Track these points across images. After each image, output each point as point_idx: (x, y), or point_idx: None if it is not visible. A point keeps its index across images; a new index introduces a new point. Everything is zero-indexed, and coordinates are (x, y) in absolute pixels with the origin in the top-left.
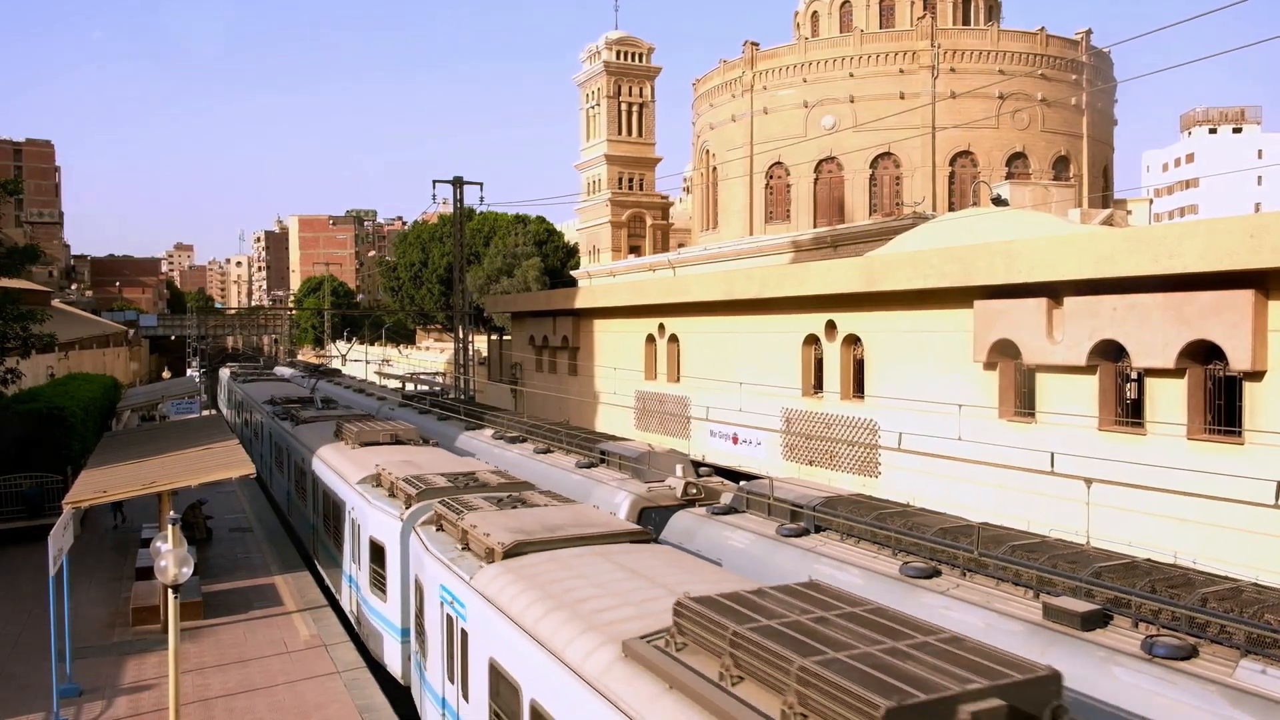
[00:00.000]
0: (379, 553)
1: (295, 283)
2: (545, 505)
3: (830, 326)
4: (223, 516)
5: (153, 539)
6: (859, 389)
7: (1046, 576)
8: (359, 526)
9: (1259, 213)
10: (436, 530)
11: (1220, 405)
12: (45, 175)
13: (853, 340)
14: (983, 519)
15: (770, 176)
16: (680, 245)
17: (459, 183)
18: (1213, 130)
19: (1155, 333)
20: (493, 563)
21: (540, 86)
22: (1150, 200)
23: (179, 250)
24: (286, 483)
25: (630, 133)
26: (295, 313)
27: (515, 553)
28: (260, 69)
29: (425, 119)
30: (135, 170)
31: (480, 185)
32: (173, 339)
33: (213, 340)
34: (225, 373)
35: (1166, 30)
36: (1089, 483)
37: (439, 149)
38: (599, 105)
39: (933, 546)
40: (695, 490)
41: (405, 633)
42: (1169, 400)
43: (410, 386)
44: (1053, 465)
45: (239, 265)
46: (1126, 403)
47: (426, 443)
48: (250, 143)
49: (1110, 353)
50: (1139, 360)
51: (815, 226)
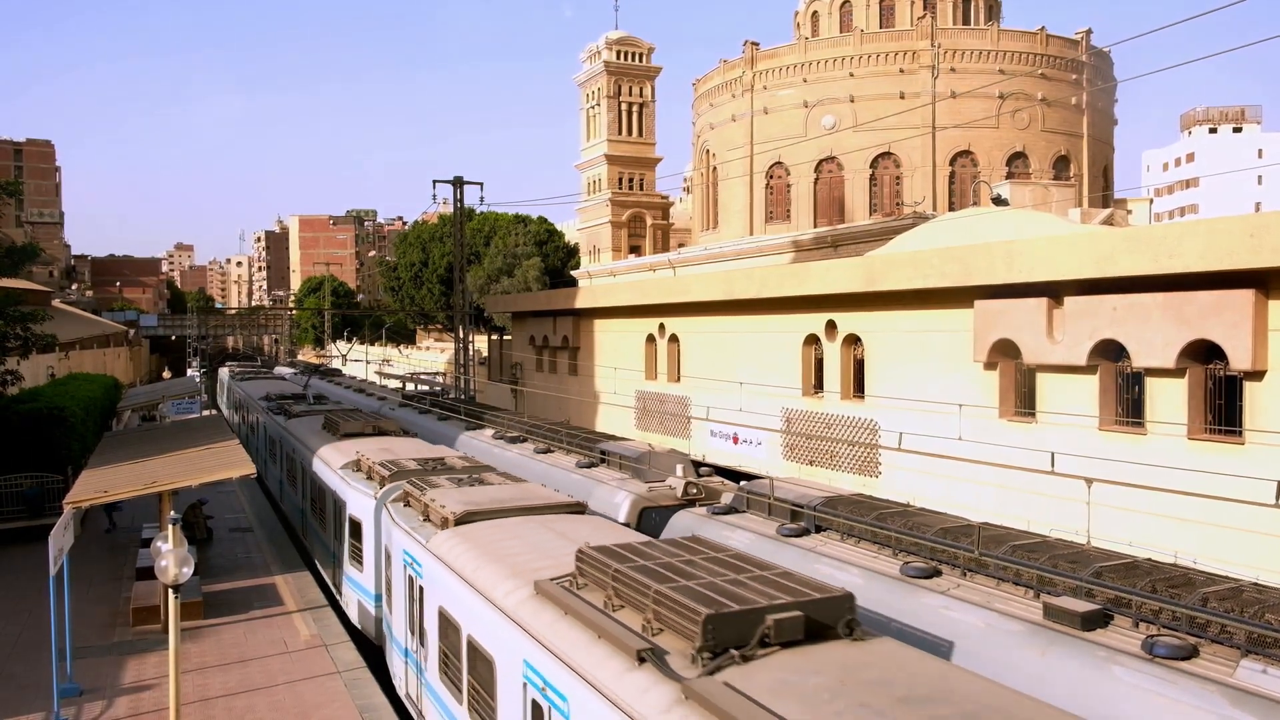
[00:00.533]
0: (356, 528)
1: (295, 283)
2: (498, 484)
3: (830, 326)
4: (223, 516)
5: (153, 539)
6: (859, 389)
7: (1047, 576)
8: (340, 506)
9: (1259, 212)
10: (404, 506)
11: (1220, 405)
12: (45, 175)
13: (853, 340)
14: (983, 519)
15: (770, 176)
16: (680, 245)
17: (459, 183)
18: (1213, 130)
19: (1155, 332)
20: (446, 529)
21: (541, 86)
22: (1150, 200)
23: (179, 250)
24: (280, 473)
25: (630, 133)
26: (295, 313)
27: (465, 520)
28: (261, 69)
29: (425, 119)
30: (135, 170)
31: (480, 185)
32: (173, 339)
33: (213, 340)
34: (224, 372)
35: (1166, 30)
36: (1089, 482)
37: (439, 149)
38: (599, 105)
39: (933, 546)
40: (696, 490)
41: (378, 598)
42: (1169, 400)
43: (410, 386)
44: (1053, 465)
45: (239, 265)
46: (1127, 400)
47: (406, 434)
48: (250, 143)
49: (1110, 352)
50: (1139, 360)
51: (815, 226)
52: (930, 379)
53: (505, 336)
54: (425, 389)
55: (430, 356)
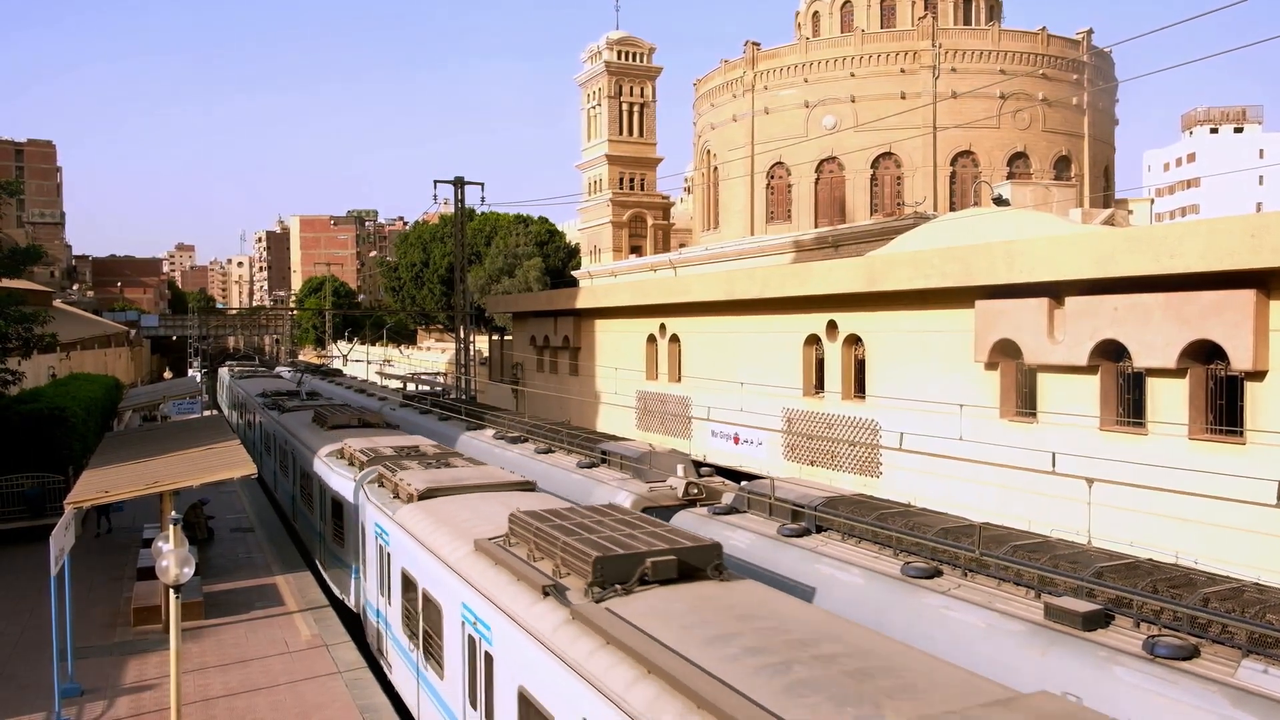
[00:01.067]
0: (338, 507)
1: (296, 283)
2: (461, 467)
3: (831, 326)
4: (224, 516)
5: (154, 539)
6: (860, 389)
7: (1048, 576)
8: (324, 489)
9: (1260, 212)
10: (378, 486)
11: (1221, 405)
12: (47, 176)
13: (854, 340)
14: (984, 519)
15: (771, 176)
16: (681, 245)
17: (460, 183)
18: (1214, 130)
19: (1156, 332)
20: (410, 503)
21: (542, 86)
22: (1151, 200)
23: (180, 250)
24: (273, 463)
25: (631, 133)
26: (296, 313)
27: (427, 496)
28: (261, 69)
29: (426, 119)
30: (136, 170)
31: (481, 185)
32: (174, 339)
33: (214, 340)
34: (224, 372)
35: (1167, 30)
36: (1090, 483)
37: (440, 149)
38: (600, 105)
39: (934, 547)
40: (696, 490)
41: (356, 570)
42: (1170, 400)
43: (411, 387)
44: (1054, 465)
45: (240, 265)
46: (1128, 400)
47: (389, 427)
48: (251, 143)
49: (1111, 353)
50: (1140, 360)
51: (816, 226)
52: (931, 379)
53: (506, 337)
54: (426, 389)
55: (431, 357)
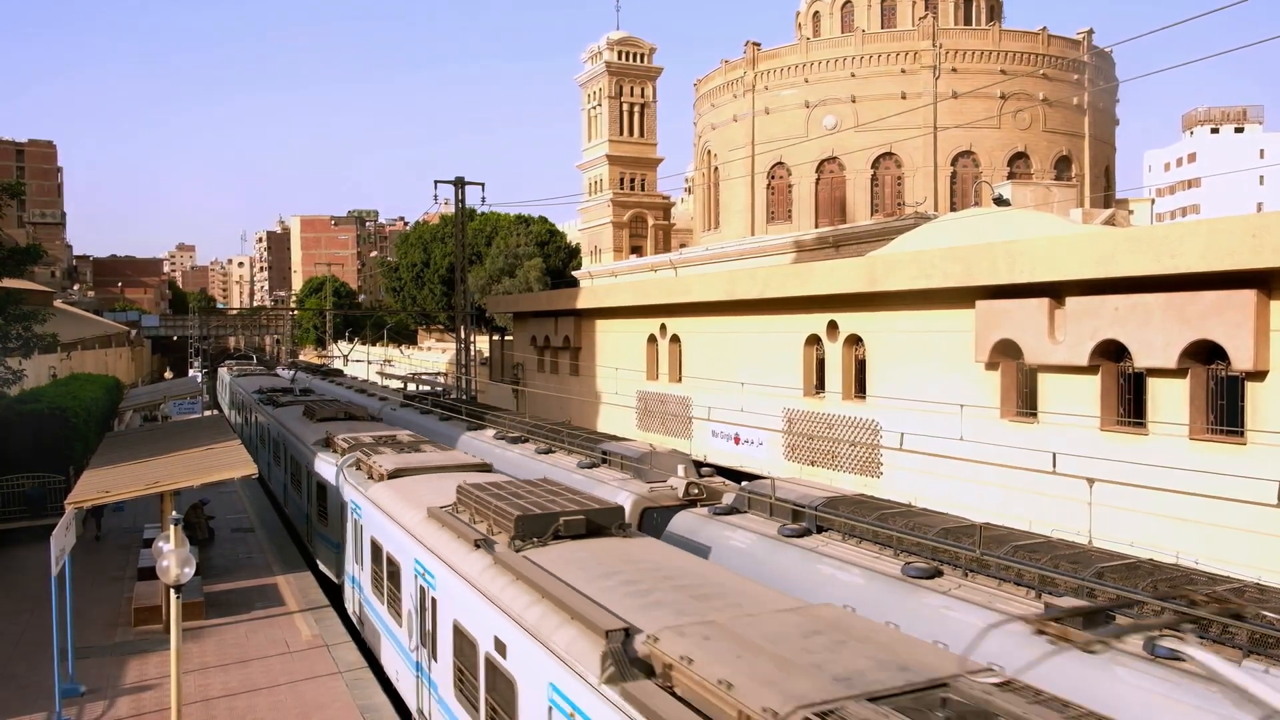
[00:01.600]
0: (322, 490)
1: (297, 283)
2: (429, 452)
3: (832, 326)
4: (224, 517)
5: (155, 539)
6: (861, 389)
7: (1048, 577)
8: (311, 473)
9: (1261, 212)
10: (356, 469)
11: (1222, 405)
12: (47, 176)
13: (854, 340)
14: (984, 519)
15: (772, 176)
16: (682, 245)
17: (460, 183)
18: (1215, 130)
19: (1157, 333)
20: (380, 482)
21: (542, 86)
22: (1152, 200)
23: (181, 250)
24: (268, 454)
25: (632, 133)
26: (297, 313)
27: (394, 475)
28: (262, 69)
29: (427, 119)
30: (137, 171)
31: (482, 185)
32: (175, 339)
33: (215, 341)
34: (224, 371)
35: (1168, 30)
36: (1091, 483)
37: (441, 149)
38: (601, 105)
39: (935, 547)
40: (697, 490)
41: (338, 545)
42: (1171, 400)
43: (412, 387)
44: (1054, 465)
45: (241, 266)
46: (1128, 400)
47: (373, 419)
48: (252, 143)
49: (1112, 353)
50: (1141, 360)
51: (817, 226)
52: (932, 379)
53: (507, 337)
54: (427, 389)
55: (432, 357)
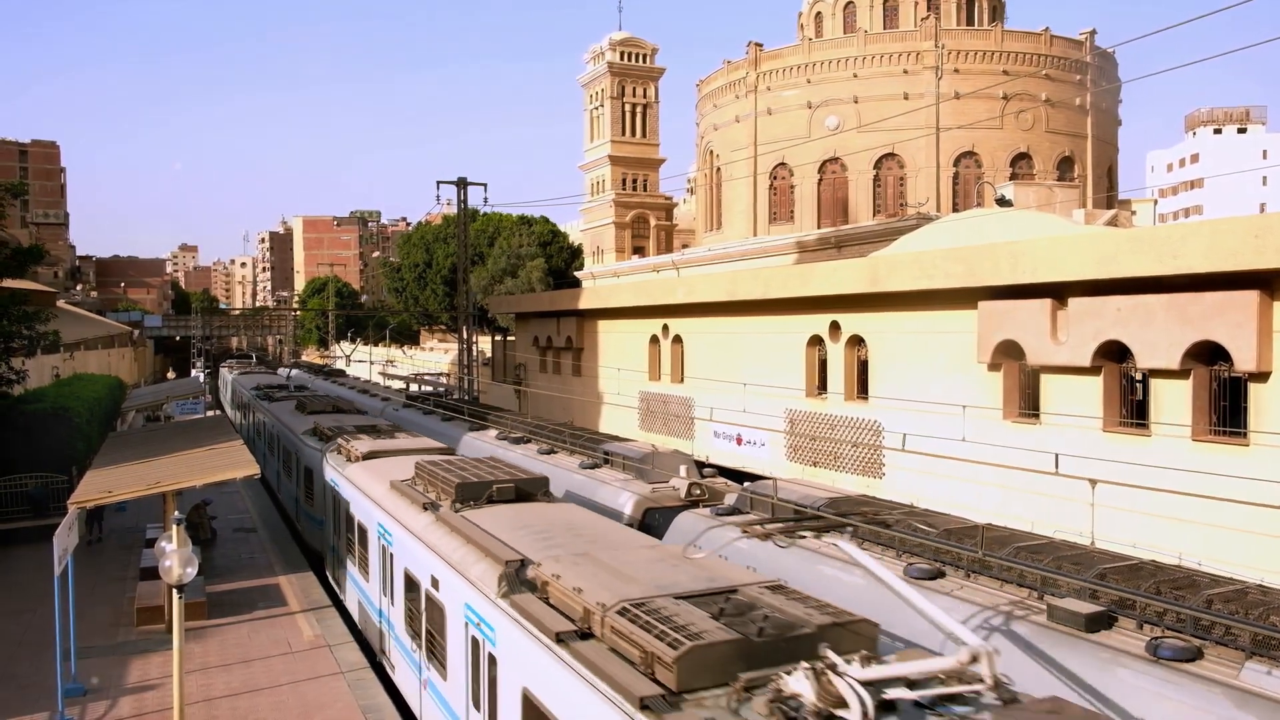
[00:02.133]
0: (309, 473)
1: (300, 283)
2: (402, 438)
3: (834, 327)
4: (227, 517)
5: (157, 539)
6: (863, 390)
7: (1051, 578)
8: (299, 460)
9: (1264, 213)
10: (336, 454)
11: (1225, 406)
12: (50, 176)
13: (857, 341)
14: (987, 520)
15: (774, 177)
16: (684, 246)
17: (463, 183)
18: (1217, 130)
19: (1160, 333)
20: (355, 462)
21: (544, 86)
22: (1155, 201)
23: (184, 251)
24: (263, 445)
25: (634, 133)
26: (300, 313)
27: (368, 457)
28: (264, 69)
29: (429, 119)
30: (140, 171)
31: (484, 186)
32: (177, 340)
33: (217, 341)
34: (225, 371)
35: (1171, 30)
36: (1093, 484)
37: (443, 149)
38: (603, 106)
39: (937, 547)
40: (699, 491)
41: (321, 522)
42: (1173, 401)
43: (414, 387)
44: (1057, 466)
45: (243, 266)
46: (1131, 401)
47: (359, 412)
48: (254, 143)
49: (1114, 354)
50: (1143, 361)
51: (819, 227)
52: (934, 380)
53: (509, 337)
54: (429, 390)
55: (434, 357)
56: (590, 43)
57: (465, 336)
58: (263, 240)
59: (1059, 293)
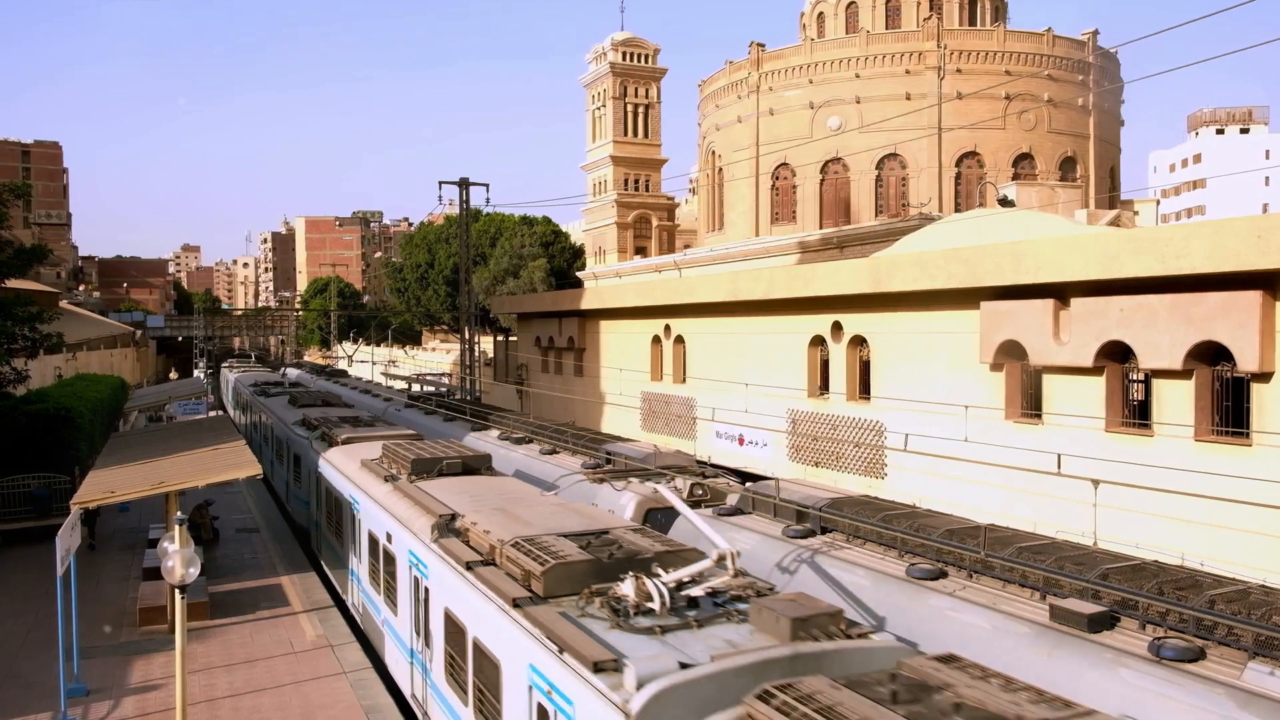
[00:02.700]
0: (297, 460)
1: (302, 284)
2: (379, 427)
3: (836, 327)
4: (229, 517)
5: (160, 539)
6: (865, 390)
7: (1053, 578)
8: (290, 448)
9: (1266, 213)
10: (320, 441)
11: (1228, 406)
12: (53, 176)
13: (859, 341)
14: (989, 520)
15: (776, 177)
16: (686, 246)
17: (465, 184)
18: (1220, 131)
19: (1162, 334)
20: (335, 446)
21: (546, 87)
22: (1157, 201)
23: (186, 251)
24: (259, 437)
25: (636, 134)
26: (302, 314)
27: (346, 442)
28: (266, 69)
29: (431, 120)
30: (142, 171)
31: (486, 186)
32: (180, 340)
33: (220, 341)
34: (226, 370)
35: (1173, 31)
36: (1096, 484)
37: (445, 150)
38: (605, 106)
39: (939, 548)
40: (701, 491)
41: (308, 502)
42: (1176, 402)
43: (416, 388)
44: (1059, 466)
45: (246, 266)
46: (1133, 402)
47: (346, 406)
48: (256, 144)
49: (1117, 354)
50: (1146, 361)
51: (821, 227)
52: (936, 380)
53: (511, 338)
54: (431, 390)
55: (436, 358)
56: (592, 43)
57: (467, 337)
58: (265, 240)
59: (1061, 293)
